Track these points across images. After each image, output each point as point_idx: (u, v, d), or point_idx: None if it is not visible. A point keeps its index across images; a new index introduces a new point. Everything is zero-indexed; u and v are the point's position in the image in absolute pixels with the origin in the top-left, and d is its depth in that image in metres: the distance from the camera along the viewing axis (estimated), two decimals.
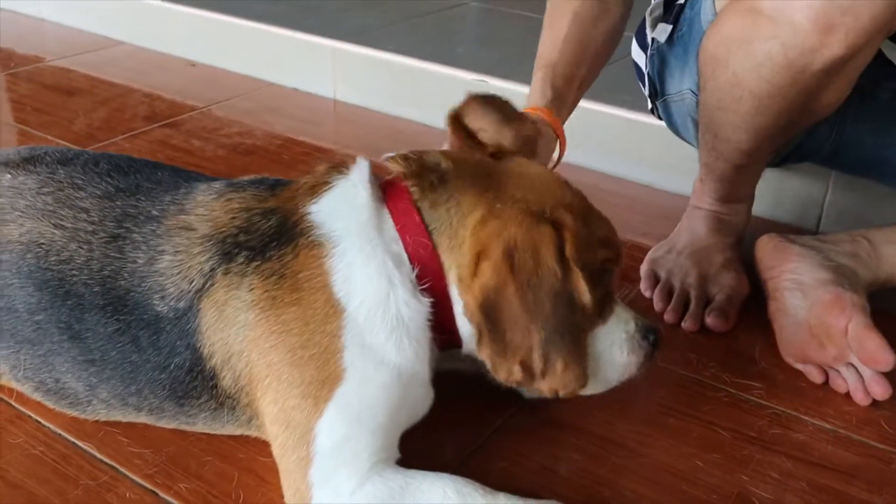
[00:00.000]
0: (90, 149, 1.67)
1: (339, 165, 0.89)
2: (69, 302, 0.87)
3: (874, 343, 1.01)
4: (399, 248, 0.84)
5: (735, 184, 1.23)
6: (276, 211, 0.86)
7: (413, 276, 0.84)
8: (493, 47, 2.07)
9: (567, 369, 0.82)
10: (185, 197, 0.90)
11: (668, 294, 1.23)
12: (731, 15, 1.05)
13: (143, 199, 0.90)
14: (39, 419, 0.99)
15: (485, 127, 0.93)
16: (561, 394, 0.85)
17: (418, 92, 1.86)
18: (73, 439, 0.96)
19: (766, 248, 1.19)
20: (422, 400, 0.88)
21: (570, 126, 1.67)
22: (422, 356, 0.85)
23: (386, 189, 0.87)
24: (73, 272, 0.88)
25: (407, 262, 0.84)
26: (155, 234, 0.87)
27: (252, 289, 0.82)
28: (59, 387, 0.92)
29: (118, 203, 0.90)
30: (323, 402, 0.80)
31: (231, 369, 0.84)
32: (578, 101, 1.25)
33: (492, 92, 0.97)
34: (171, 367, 0.85)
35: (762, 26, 1.00)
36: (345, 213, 0.84)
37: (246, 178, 0.93)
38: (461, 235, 0.83)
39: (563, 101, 1.18)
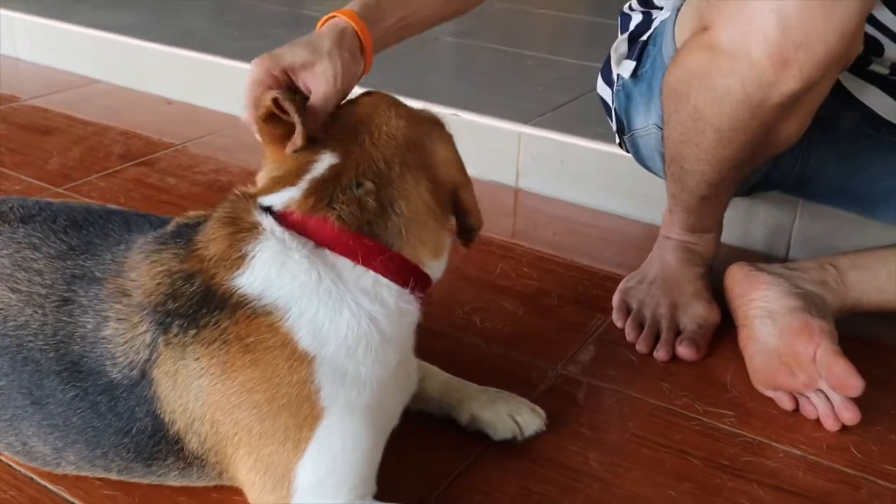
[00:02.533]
0: (64, 188, 1.69)
1: (241, 229, 0.85)
2: (28, 368, 0.86)
3: (842, 369, 1.02)
4: (369, 278, 0.84)
5: (702, 214, 1.25)
6: (197, 276, 0.83)
7: (402, 291, 0.86)
8: (465, 81, 2.09)
9: None
10: (123, 255, 0.88)
11: (640, 324, 1.24)
12: (690, 51, 1.08)
13: (89, 258, 0.89)
14: (10, 463, 0.98)
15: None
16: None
17: None
18: (44, 483, 0.96)
19: (736, 277, 1.20)
20: (398, 392, 0.91)
21: (545, 157, 1.71)
22: (402, 353, 0.89)
23: (312, 233, 0.84)
24: (30, 338, 0.86)
25: (387, 283, 0.85)
26: (98, 297, 0.86)
27: (198, 357, 0.81)
28: (26, 449, 0.91)
29: (69, 263, 0.89)
30: (304, 443, 0.80)
31: (195, 433, 0.83)
32: (401, 37, 1.10)
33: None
34: (134, 431, 0.84)
35: (720, 62, 1.02)
36: (283, 280, 0.82)
37: (171, 226, 0.91)
38: (420, 218, 0.88)
39: (379, 12, 1.03)
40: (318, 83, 0.93)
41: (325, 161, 0.87)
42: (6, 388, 0.88)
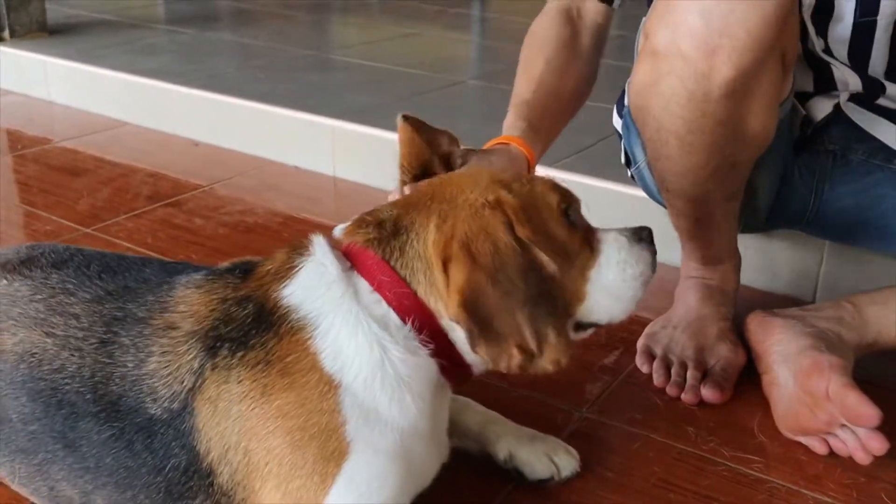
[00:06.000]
0: (93, 228, 1.71)
1: (299, 248, 0.89)
2: (62, 411, 0.87)
3: (854, 399, 1.00)
4: (382, 308, 0.84)
5: (706, 241, 1.25)
6: (251, 298, 0.86)
7: (408, 330, 0.84)
8: (491, 123, 2.10)
9: (560, 335, 0.83)
10: (167, 294, 0.90)
11: (668, 368, 1.23)
12: (639, 63, 1.08)
13: (129, 301, 0.90)
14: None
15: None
16: (563, 363, 0.84)
17: None
18: None
19: (753, 325, 1.21)
20: (429, 458, 0.89)
21: None
22: (426, 412, 0.85)
23: (351, 257, 0.88)
24: (66, 381, 0.87)
25: (396, 320, 0.84)
26: (142, 335, 0.87)
27: (241, 380, 0.82)
28: (53, 494, 0.91)
29: (107, 307, 0.90)
30: (331, 478, 0.80)
31: (228, 464, 0.83)
32: (552, 140, 1.29)
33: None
34: (167, 468, 0.84)
35: (660, 65, 1.03)
36: (319, 292, 0.85)
37: (224, 264, 0.93)
38: (430, 261, 0.84)
39: (536, 132, 1.22)
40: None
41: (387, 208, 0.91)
42: (38, 433, 0.88)
